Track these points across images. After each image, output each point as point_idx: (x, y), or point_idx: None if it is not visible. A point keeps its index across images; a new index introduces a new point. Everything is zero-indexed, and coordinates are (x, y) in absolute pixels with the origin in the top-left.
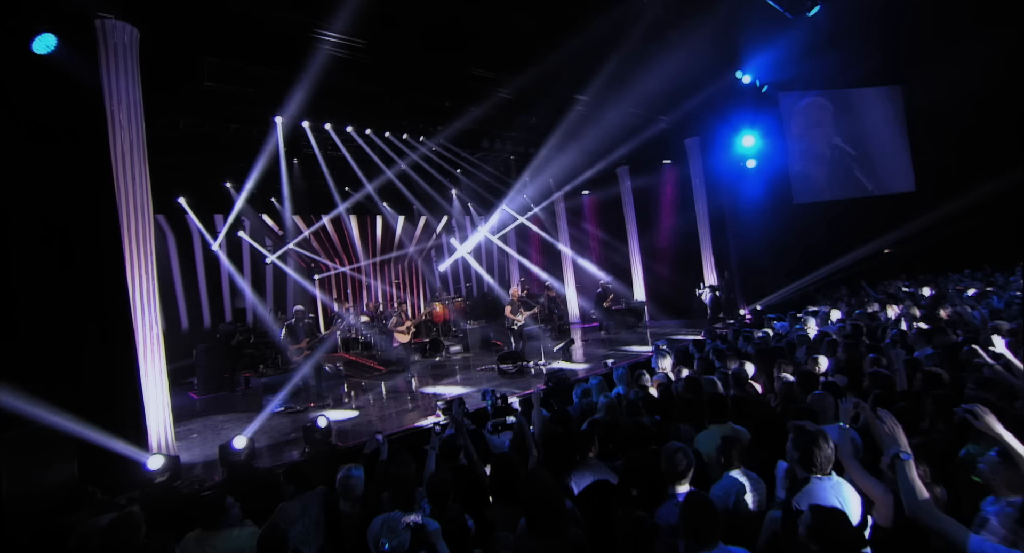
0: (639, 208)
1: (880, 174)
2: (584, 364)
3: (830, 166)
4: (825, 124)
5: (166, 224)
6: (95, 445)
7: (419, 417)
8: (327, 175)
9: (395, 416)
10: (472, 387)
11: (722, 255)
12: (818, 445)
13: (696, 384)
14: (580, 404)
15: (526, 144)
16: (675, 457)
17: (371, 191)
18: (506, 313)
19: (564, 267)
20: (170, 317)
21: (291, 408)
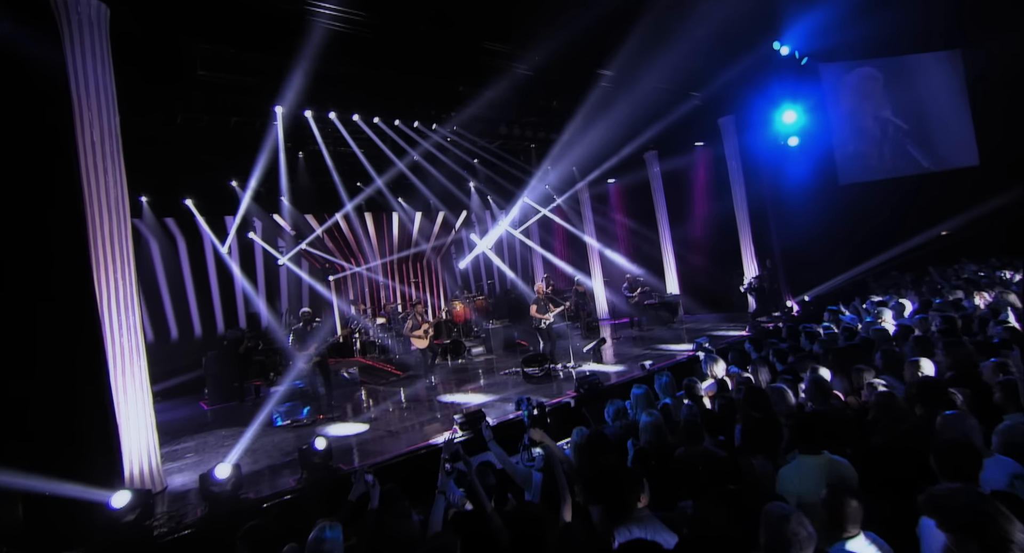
0: (670, 195)
1: (938, 149)
2: (617, 366)
3: (879, 142)
4: (874, 96)
5: (176, 228)
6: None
7: (437, 431)
8: (332, 169)
9: (409, 431)
10: (495, 394)
11: (763, 243)
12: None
13: (761, 397)
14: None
15: (547, 129)
16: (786, 529)
17: (382, 186)
18: (532, 312)
19: (591, 260)
20: (183, 325)
21: (298, 421)
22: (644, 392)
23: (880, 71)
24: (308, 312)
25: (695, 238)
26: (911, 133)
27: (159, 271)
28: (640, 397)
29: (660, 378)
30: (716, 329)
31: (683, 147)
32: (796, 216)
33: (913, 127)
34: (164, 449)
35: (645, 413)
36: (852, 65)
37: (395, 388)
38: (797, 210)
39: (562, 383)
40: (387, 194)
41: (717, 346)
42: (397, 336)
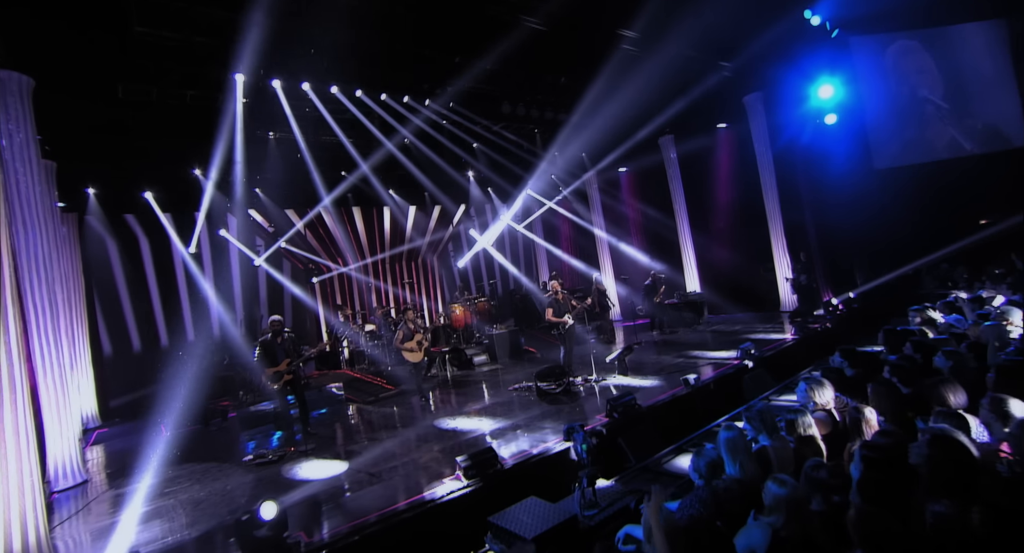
0: (688, 183)
1: (982, 130)
2: (649, 379)
3: (917, 123)
4: (910, 72)
5: (137, 225)
6: None
7: (435, 475)
8: (306, 152)
9: (399, 474)
10: (506, 418)
11: (798, 234)
12: None
13: (956, 448)
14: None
15: (555, 109)
16: None
17: (368, 172)
18: (547, 316)
19: (601, 255)
20: (147, 334)
21: (262, 456)
22: (736, 437)
23: (917, 44)
24: (278, 321)
25: (718, 229)
26: (952, 112)
27: (118, 274)
28: (733, 443)
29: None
30: (751, 331)
31: (703, 130)
32: (831, 204)
33: (954, 106)
34: (90, 499)
35: (772, 482)
36: (886, 38)
37: (385, 407)
38: (832, 197)
39: (585, 402)
40: (376, 184)
41: (761, 351)
42: (388, 344)
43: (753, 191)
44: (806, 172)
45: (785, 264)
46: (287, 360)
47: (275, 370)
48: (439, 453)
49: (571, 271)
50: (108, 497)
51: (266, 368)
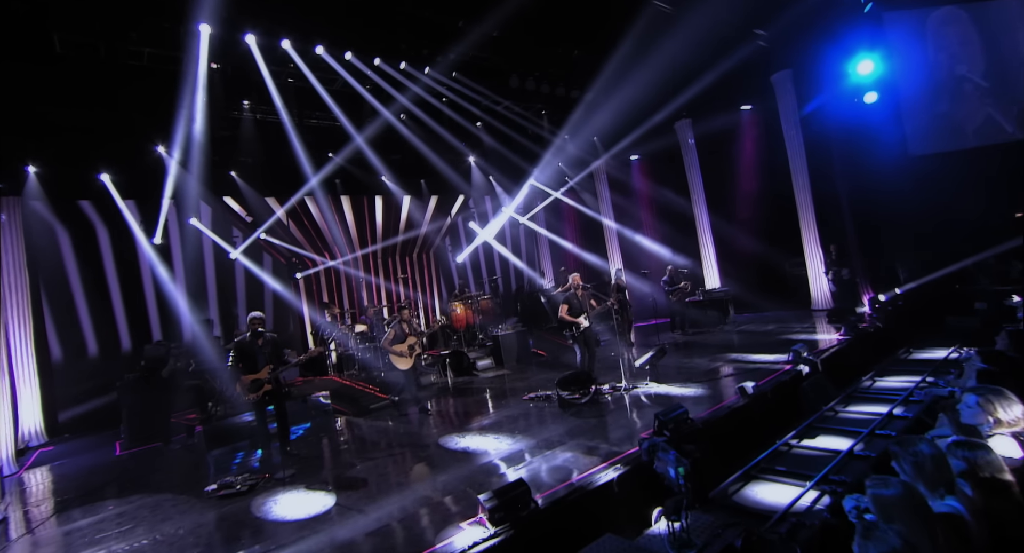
0: (707, 170)
1: None
2: (688, 386)
3: (955, 105)
4: (948, 49)
5: (94, 213)
6: None
7: (447, 518)
8: (288, 127)
9: (399, 514)
10: (528, 436)
11: (830, 225)
12: None
13: None
14: None
15: (566, 85)
16: None
17: (362, 145)
18: (562, 314)
19: (610, 248)
20: (105, 336)
21: (228, 486)
22: (903, 495)
23: (956, 18)
24: (258, 318)
25: (740, 220)
26: (993, 92)
27: (71, 268)
28: (900, 505)
29: (916, 446)
30: (787, 331)
31: (724, 112)
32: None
33: (995, 85)
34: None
35: None
36: (922, 12)
37: (380, 421)
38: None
39: (618, 415)
40: (372, 159)
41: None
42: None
43: (780, 179)
44: (842, 157)
45: (817, 258)
46: (268, 366)
47: (253, 378)
48: (451, 484)
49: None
50: (20, 547)
51: (242, 375)
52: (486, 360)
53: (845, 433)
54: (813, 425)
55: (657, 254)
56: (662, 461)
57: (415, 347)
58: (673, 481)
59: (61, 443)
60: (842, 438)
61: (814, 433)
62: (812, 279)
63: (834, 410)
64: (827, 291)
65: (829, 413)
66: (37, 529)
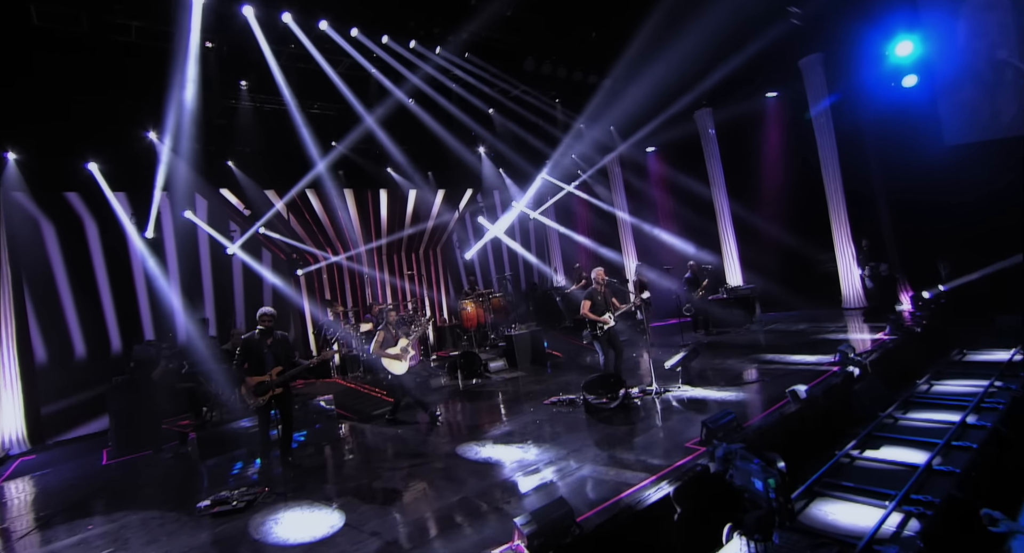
0: (729, 161)
1: None
2: (726, 390)
3: (994, 91)
4: (989, 32)
5: (82, 206)
6: None
7: (476, 541)
8: (293, 107)
9: (419, 537)
10: (558, 446)
11: (863, 219)
12: None
13: None
14: None
15: (584, 69)
16: None
17: (373, 127)
18: (584, 311)
19: (624, 243)
20: (94, 338)
21: (223, 502)
22: None
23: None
24: (270, 315)
25: (765, 213)
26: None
27: (57, 264)
28: None
29: None
30: (821, 331)
31: (747, 100)
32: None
33: None
34: None
35: None
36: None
37: (388, 427)
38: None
39: (654, 421)
40: (378, 145)
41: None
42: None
43: (808, 169)
44: (876, 146)
45: (848, 253)
46: (277, 368)
47: (260, 380)
48: (475, 501)
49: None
50: None
51: (247, 376)
52: (498, 361)
53: (913, 444)
54: (873, 434)
55: (676, 249)
56: (742, 471)
57: (408, 349)
58: (759, 494)
59: (44, 451)
60: (911, 450)
61: (877, 443)
62: (843, 275)
63: (893, 417)
64: (859, 288)
65: (888, 420)
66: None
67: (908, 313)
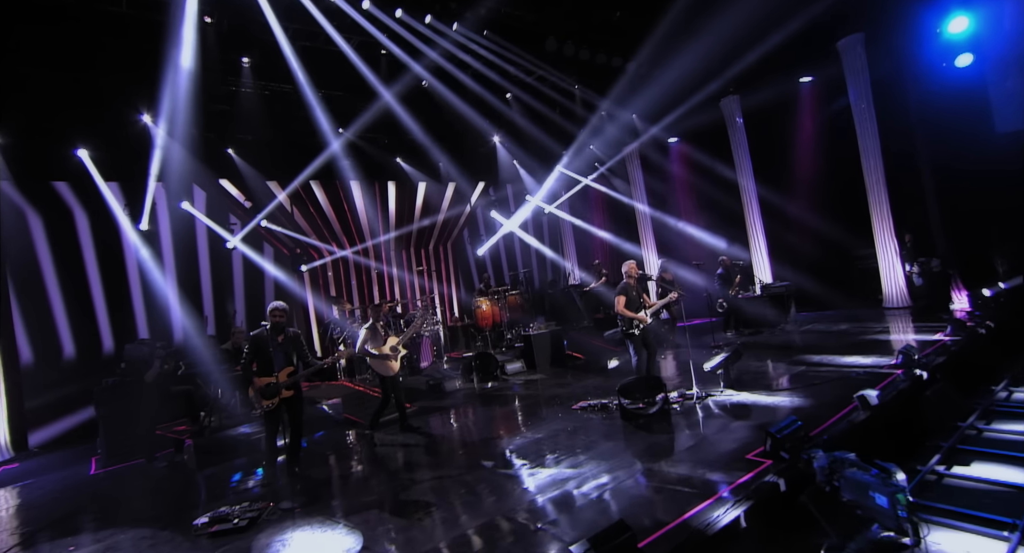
0: (758, 152)
1: None
2: (776, 395)
3: None
4: None
5: (71, 196)
6: None
7: None
8: (302, 80)
9: None
10: (596, 459)
11: (908, 211)
12: None
13: None
14: None
15: (608, 51)
16: None
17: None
18: (619, 308)
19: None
20: (84, 336)
21: (223, 518)
22: None
23: None
24: (281, 310)
25: (797, 206)
26: None
27: (44, 258)
28: None
29: None
30: (865, 332)
31: (779, 86)
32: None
33: None
34: None
35: None
36: None
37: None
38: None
39: (700, 429)
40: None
41: (929, 355)
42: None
43: (846, 159)
44: (924, 134)
45: (891, 248)
46: (288, 369)
47: (268, 382)
48: (512, 521)
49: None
50: None
51: (255, 378)
52: (516, 363)
53: (1007, 459)
54: (957, 447)
55: (701, 244)
56: (854, 483)
57: (399, 348)
58: (883, 511)
59: (28, 459)
60: (1007, 467)
61: (965, 458)
62: (885, 272)
63: (975, 428)
64: (903, 286)
65: (970, 432)
66: None
67: (964, 312)
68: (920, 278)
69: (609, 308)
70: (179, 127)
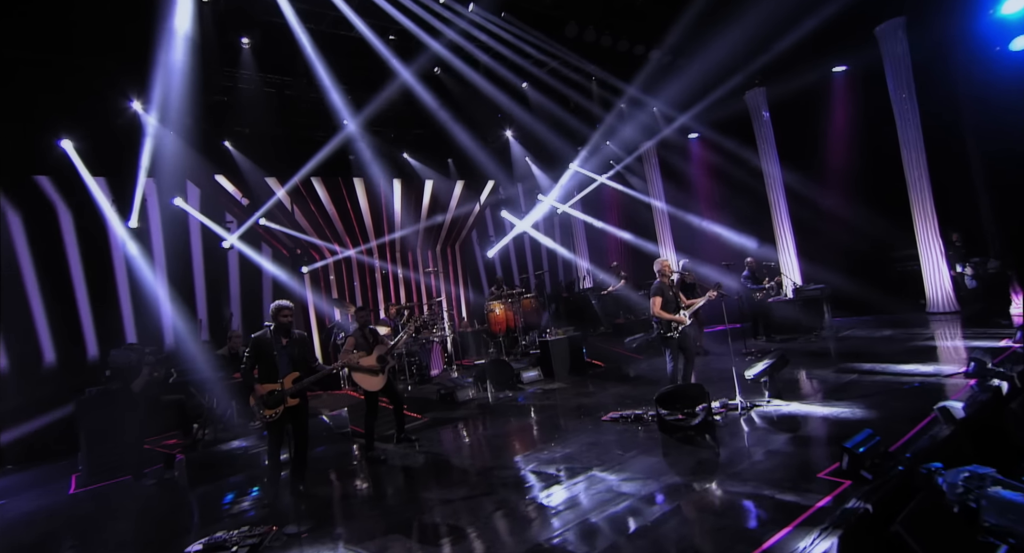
0: (786, 147)
1: None
2: (831, 405)
3: None
4: None
5: (54, 191)
6: None
7: None
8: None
9: None
10: (641, 476)
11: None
12: None
13: None
14: None
15: (631, 38)
16: None
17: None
18: (655, 309)
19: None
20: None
21: (219, 546)
22: None
23: None
24: (286, 308)
25: (828, 204)
26: None
27: (24, 258)
28: None
29: None
30: (914, 338)
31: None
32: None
33: None
34: None
35: None
36: None
37: (410, 448)
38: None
39: (753, 443)
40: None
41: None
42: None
43: (884, 153)
44: (975, 125)
45: (936, 248)
46: (293, 374)
47: (272, 389)
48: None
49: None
50: None
51: (256, 384)
52: (532, 371)
53: None
54: None
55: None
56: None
57: (387, 357)
58: None
59: (2, 476)
60: None
61: None
62: (929, 274)
63: None
64: (949, 289)
65: None
66: None
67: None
68: (973, 280)
69: (629, 312)
70: (172, 114)
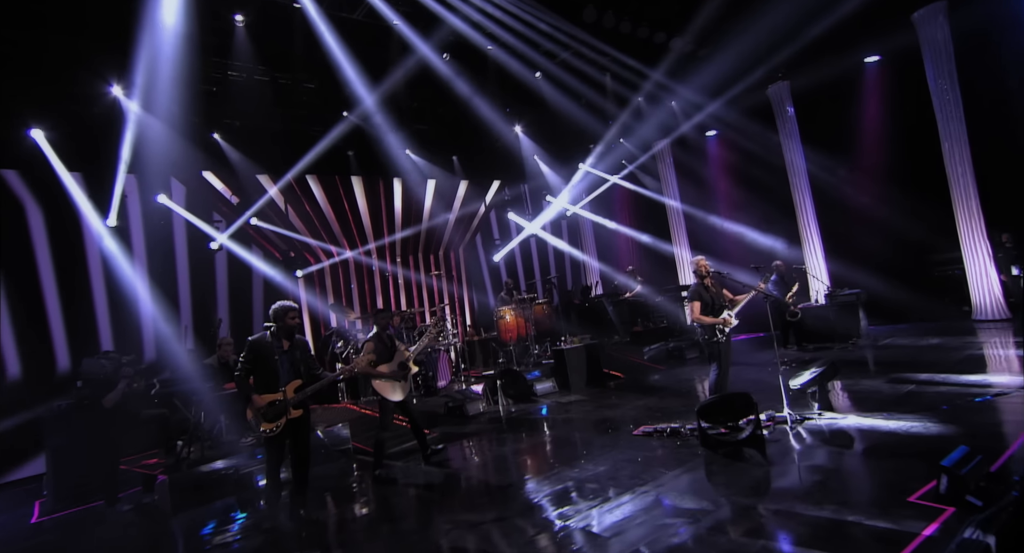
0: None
1: None
2: (896, 417)
3: None
4: None
5: (23, 187)
6: None
7: None
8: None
9: None
10: (686, 497)
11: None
12: None
13: None
14: None
15: (651, 25)
16: None
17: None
18: (695, 314)
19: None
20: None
21: None
22: None
23: None
24: (290, 309)
25: (860, 203)
26: None
27: None
28: None
29: None
30: (967, 346)
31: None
32: None
33: None
34: None
35: None
36: None
37: (422, 470)
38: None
39: (811, 460)
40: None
41: None
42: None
43: (922, 148)
44: None
45: (982, 251)
46: (295, 383)
47: (273, 399)
48: None
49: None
50: None
51: (254, 395)
52: (546, 382)
53: None
54: None
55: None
56: None
57: (409, 364)
58: None
59: None
60: None
61: None
62: (975, 278)
63: None
64: (999, 295)
65: None
66: None
67: None
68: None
69: (647, 319)
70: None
